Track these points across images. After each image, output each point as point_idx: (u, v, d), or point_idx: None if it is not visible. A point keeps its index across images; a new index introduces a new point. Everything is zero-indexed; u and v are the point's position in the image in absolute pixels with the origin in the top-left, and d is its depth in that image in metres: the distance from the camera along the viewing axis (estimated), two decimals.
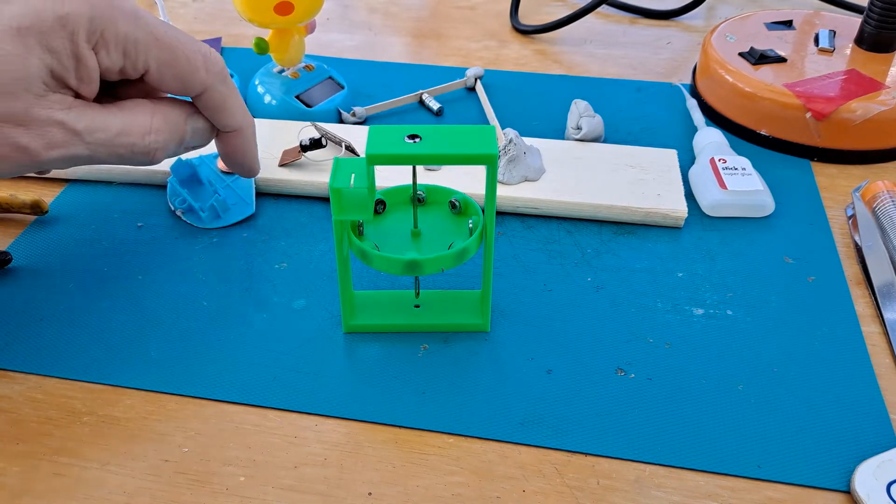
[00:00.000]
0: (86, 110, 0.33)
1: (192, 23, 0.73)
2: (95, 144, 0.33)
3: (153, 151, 0.35)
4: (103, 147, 0.33)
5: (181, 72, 0.34)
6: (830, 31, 0.59)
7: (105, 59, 0.32)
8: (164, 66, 0.34)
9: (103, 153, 0.34)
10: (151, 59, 0.33)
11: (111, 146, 0.34)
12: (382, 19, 0.74)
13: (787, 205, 0.49)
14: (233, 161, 0.39)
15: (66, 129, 0.32)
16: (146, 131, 0.34)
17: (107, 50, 0.32)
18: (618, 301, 0.42)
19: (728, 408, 0.36)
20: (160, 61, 0.33)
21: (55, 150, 0.32)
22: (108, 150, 0.34)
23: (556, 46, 0.69)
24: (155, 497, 0.33)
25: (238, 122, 0.37)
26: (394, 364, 0.38)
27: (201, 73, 0.34)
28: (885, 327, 0.40)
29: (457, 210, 0.38)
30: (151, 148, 0.35)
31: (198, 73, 0.34)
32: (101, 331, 0.40)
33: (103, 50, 0.32)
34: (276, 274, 0.44)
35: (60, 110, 0.32)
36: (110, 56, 0.32)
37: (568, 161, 0.50)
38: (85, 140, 0.33)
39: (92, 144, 0.33)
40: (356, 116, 0.56)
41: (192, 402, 0.37)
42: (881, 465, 0.33)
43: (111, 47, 0.32)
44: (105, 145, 0.33)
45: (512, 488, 0.33)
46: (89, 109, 0.33)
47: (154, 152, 0.35)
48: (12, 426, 0.35)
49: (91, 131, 0.33)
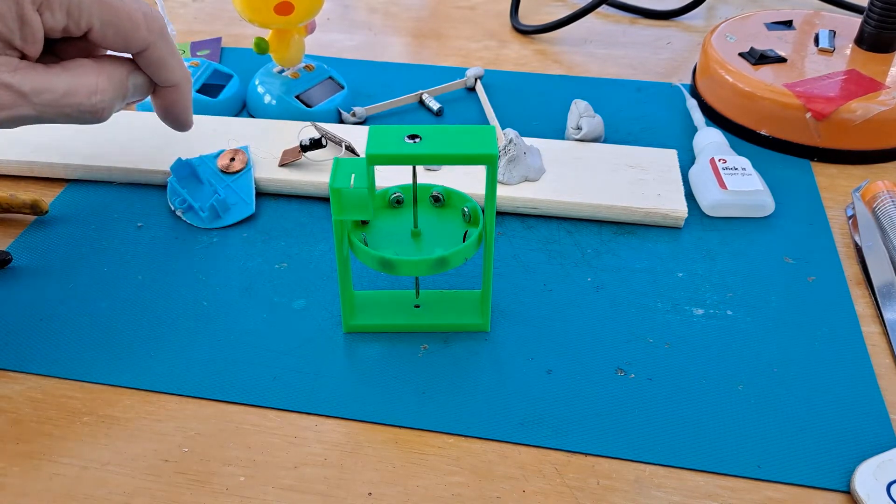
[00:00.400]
0: (31, 72, 0.33)
1: (192, 23, 0.73)
2: (42, 105, 0.34)
3: (100, 110, 0.36)
4: (50, 108, 0.34)
5: (123, 30, 0.34)
6: (830, 31, 0.59)
7: (49, 19, 0.33)
8: (107, 26, 0.34)
9: (50, 113, 0.34)
10: (94, 19, 0.33)
11: (58, 106, 0.34)
12: (382, 19, 0.74)
13: (787, 205, 0.49)
14: (168, 115, 0.40)
15: (13, 92, 0.33)
16: (92, 91, 0.35)
17: (51, 11, 0.32)
18: (618, 301, 0.42)
19: (728, 408, 0.36)
20: (103, 21, 0.34)
21: (2, 111, 0.33)
22: (56, 111, 0.34)
23: (556, 46, 0.69)
24: (155, 497, 0.33)
25: (176, 77, 0.38)
26: (394, 364, 0.38)
27: (142, 30, 0.35)
28: (885, 327, 0.40)
29: (441, 203, 0.39)
30: (98, 107, 0.35)
31: (139, 31, 0.35)
32: (101, 331, 0.40)
33: (47, 11, 0.32)
34: (276, 274, 0.44)
35: (6, 73, 0.32)
36: (54, 16, 0.33)
37: (568, 161, 0.50)
38: (32, 101, 0.33)
39: (39, 105, 0.34)
40: (356, 116, 0.56)
41: (192, 402, 0.37)
42: (881, 465, 0.33)
43: (55, 8, 0.32)
44: (52, 106, 0.34)
45: (512, 488, 0.33)
46: (35, 71, 0.33)
47: (101, 111, 0.36)
48: (12, 426, 0.35)
49: (38, 93, 0.33)
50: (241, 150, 0.50)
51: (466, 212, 0.38)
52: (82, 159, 0.50)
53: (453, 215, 0.39)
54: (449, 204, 0.39)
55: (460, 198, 0.39)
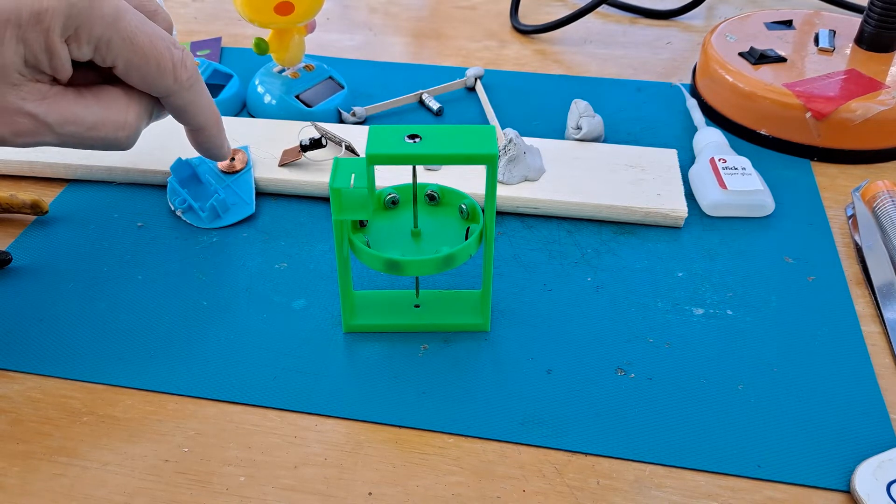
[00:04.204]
0: (60, 101, 0.33)
1: (191, 23, 0.73)
2: (66, 136, 0.34)
3: (123, 143, 0.36)
4: (73, 138, 0.34)
5: (148, 76, 0.34)
6: (830, 31, 0.59)
7: (75, 51, 0.33)
8: (132, 69, 0.34)
9: (72, 143, 0.34)
10: (120, 60, 0.33)
11: (82, 138, 0.34)
12: (382, 19, 0.74)
13: (787, 205, 0.49)
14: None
15: (38, 122, 0.33)
16: (120, 126, 0.35)
17: (78, 44, 0.32)
18: (618, 301, 0.42)
19: (728, 408, 0.36)
20: (129, 63, 0.34)
21: (23, 137, 0.33)
22: (78, 141, 0.34)
23: (556, 46, 0.69)
24: (155, 497, 0.33)
25: (200, 121, 0.38)
26: (394, 364, 0.38)
27: (168, 80, 0.35)
28: (885, 327, 0.40)
29: (436, 201, 0.39)
30: (122, 141, 0.35)
31: (164, 80, 0.35)
32: (101, 331, 0.40)
33: (74, 44, 0.32)
34: (276, 274, 0.44)
35: (33, 101, 0.32)
36: (80, 50, 0.33)
37: (568, 161, 0.50)
38: (55, 132, 0.33)
39: (62, 136, 0.34)
40: (356, 116, 0.56)
41: (192, 402, 0.37)
42: (881, 465, 0.33)
43: (83, 42, 0.32)
44: (76, 137, 0.34)
45: (512, 488, 0.33)
46: (64, 100, 0.33)
47: (123, 144, 0.36)
48: (12, 426, 0.35)
49: (62, 124, 0.33)
50: (241, 150, 0.50)
51: (464, 209, 0.38)
52: (82, 159, 0.50)
53: (450, 213, 0.39)
54: (444, 202, 0.39)
55: (456, 195, 0.39)
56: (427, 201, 0.39)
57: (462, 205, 0.38)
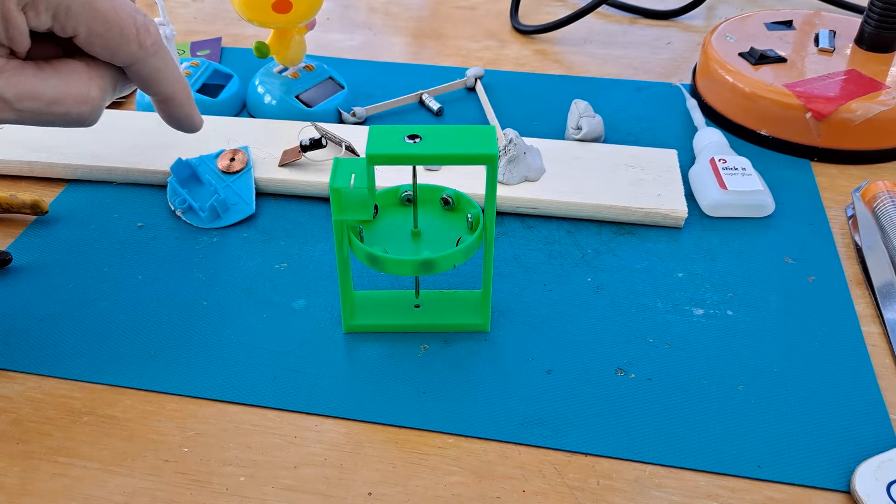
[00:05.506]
0: (18, 75, 0.32)
1: (191, 23, 0.73)
2: (25, 112, 0.32)
3: (86, 119, 0.34)
4: (33, 114, 0.33)
5: (112, 43, 0.33)
6: (830, 31, 0.59)
7: (34, 19, 0.31)
8: (94, 36, 0.33)
9: (32, 119, 0.33)
10: (81, 27, 0.32)
11: (42, 114, 0.33)
12: (382, 19, 0.74)
13: (787, 205, 0.49)
14: (170, 121, 0.38)
15: None
16: (81, 100, 0.33)
17: (35, 11, 0.31)
18: (618, 301, 0.42)
19: (728, 408, 0.36)
20: (91, 30, 0.32)
21: None
22: (39, 118, 0.33)
23: (556, 46, 0.69)
24: (155, 497, 0.33)
25: (167, 90, 0.36)
26: (394, 364, 0.38)
27: (132, 46, 0.33)
28: (885, 327, 0.40)
29: (450, 206, 0.38)
30: (84, 116, 0.34)
31: (128, 46, 0.33)
32: (101, 331, 0.40)
33: (32, 11, 0.31)
34: (276, 274, 0.44)
35: None
36: (39, 18, 0.31)
37: (568, 161, 0.50)
38: (14, 108, 0.32)
39: (22, 112, 0.32)
40: (356, 116, 0.56)
41: (192, 402, 0.37)
42: (881, 465, 0.33)
43: (41, 9, 0.31)
44: (36, 113, 0.33)
45: (512, 488, 0.33)
46: (23, 74, 0.32)
47: (87, 120, 0.34)
48: (12, 426, 0.35)
49: (20, 99, 0.32)
50: (241, 150, 0.50)
51: (469, 219, 0.38)
52: (82, 159, 0.50)
53: (459, 220, 0.38)
54: (457, 208, 0.39)
55: (468, 203, 0.38)
56: (442, 205, 0.39)
57: (469, 214, 0.38)
